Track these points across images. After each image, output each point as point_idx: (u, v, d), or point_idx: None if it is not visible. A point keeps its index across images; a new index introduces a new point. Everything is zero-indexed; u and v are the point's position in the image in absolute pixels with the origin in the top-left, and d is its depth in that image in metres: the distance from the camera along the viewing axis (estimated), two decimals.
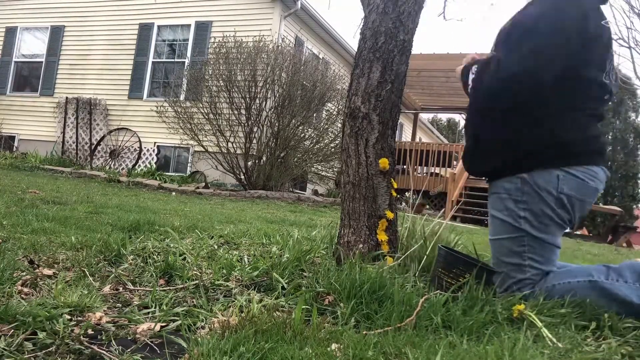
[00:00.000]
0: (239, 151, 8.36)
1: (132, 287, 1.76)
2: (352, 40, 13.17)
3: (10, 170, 8.12)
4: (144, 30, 10.81)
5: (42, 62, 11.80)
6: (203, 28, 10.28)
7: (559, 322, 1.54)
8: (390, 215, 2.06)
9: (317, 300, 1.64)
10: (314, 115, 8.83)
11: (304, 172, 9.46)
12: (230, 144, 8.36)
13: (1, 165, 8.51)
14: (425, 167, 11.32)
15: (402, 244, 2.15)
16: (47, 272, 1.80)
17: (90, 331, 1.33)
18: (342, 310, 1.53)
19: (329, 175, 10.10)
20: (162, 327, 1.41)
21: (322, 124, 9.13)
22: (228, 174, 8.67)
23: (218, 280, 1.83)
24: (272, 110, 8.30)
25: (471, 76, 1.86)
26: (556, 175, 1.71)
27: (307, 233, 2.91)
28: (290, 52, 8.92)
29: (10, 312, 1.33)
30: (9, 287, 1.56)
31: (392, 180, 2.10)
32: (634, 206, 24.35)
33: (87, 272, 1.84)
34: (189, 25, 10.45)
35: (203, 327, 1.43)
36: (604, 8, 1.81)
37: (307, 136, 8.76)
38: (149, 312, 1.53)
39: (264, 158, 8.30)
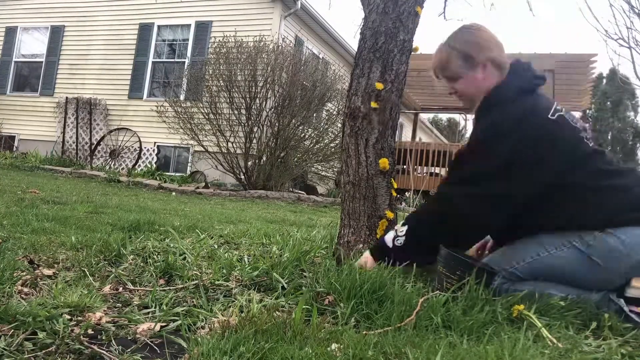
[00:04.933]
0: (239, 151, 8.36)
1: (132, 287, 1.76)
2: (352, 40, 13.17)
3: (10, 170, 8.12)
4: (144, 30, 10.81)
5: (42, 62, 11.80)
6: (203, 28, 10.28)
7: (559, 322, 1.54)
8: (390, 215, 2.06)
9: (317, 300, 1.63)
10: (314, 115, 8.83)
11: (304, 172, 9.45)
12: (230, 144, 8.36)
13: (1, 165, 8.51)
14: (425, 167, 11.31)
15: None
16: (47, 272, 1.79)
17: (90, 331, 1.33)
18: (342, 310, 1.53)
19: (329, 175, 10.10)
20: (162, 327, 1.41)
21: (322, 124, 9.12)
22: (228, 174, 8.67)
23: (218, 280, 1.83)
24: (272, 110, 8.30)
25: None
26: None
27: (307, 233, 2.91)
28: (290, 52, 8.92)
29: (10, 312, 1.33)
30: (9, 287, 1.56)
31: (392, 180, 2.10)
32: None
33: (87, 272, 1.84)
34: (189, 25, 10.45)
35: (203, 327, 1.43)
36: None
37: (307, 136, 8.75)
38: (149, 312, 1.53)
39: (264, 158, 8.30)
